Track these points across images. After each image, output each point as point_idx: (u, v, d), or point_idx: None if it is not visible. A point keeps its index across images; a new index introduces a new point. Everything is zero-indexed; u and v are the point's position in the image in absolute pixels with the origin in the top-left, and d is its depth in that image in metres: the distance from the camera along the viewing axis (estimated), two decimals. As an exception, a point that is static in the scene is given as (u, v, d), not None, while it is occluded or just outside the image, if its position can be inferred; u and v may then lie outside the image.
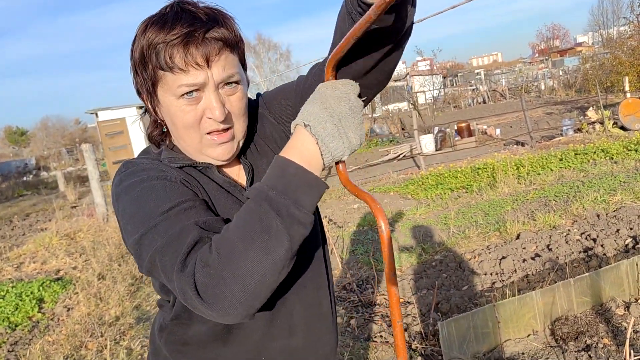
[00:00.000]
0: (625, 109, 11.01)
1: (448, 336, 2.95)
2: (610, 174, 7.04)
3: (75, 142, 45.91)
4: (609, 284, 3.32)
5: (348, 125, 0.82)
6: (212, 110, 0.94)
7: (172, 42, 0.90)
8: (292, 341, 1.09)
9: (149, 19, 0.95)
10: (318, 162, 0.83)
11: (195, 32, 0.90)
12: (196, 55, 0.90)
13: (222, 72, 0.93)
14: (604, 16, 43.89)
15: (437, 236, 5.68)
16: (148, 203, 0.90)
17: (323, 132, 0.81)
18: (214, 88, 0.94)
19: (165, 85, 0.94)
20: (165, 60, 0.91)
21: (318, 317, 1.14)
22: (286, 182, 0.79)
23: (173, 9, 0.93)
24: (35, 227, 10.81)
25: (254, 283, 0.77)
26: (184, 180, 0.97)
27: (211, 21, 0.92)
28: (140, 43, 0.93)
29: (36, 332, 4.61)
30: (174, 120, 0.97)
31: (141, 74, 0.96)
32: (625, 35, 20.64)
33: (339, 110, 0.82)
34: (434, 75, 31.92)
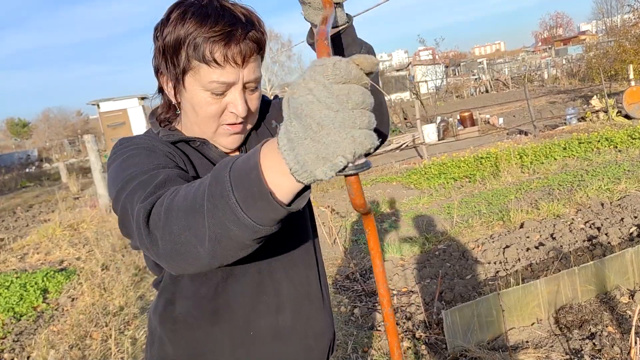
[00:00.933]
0: (629, 97, 10.94)
1: (452, 325, 2.95)
2: (615, 162, 7.00)
3: (77, 133, 45.92)
4: (614, 273, 3.32)
5: (303, 129, 0.56)
6: (237, 106, 1.00)
7: (214, 38, 0.94)
8: (280, 319, 1.10)
9: (186, 7, 0.97)
10: (281, 175, 0.62)
11: (236, 32, 0.95)
12: (235, 53, 0.95)
13: (252, 74, 1.00)
14: (607, 4, 43.55)
15: (440, 226, 5.67)
16: (129, 167, 0.92)
17: (280, 137, 0.60)
18: (241, 87, 1.00)
19: (197, 75, 0.97)
20: (204, 53, 0.95)
21: (307, 297, 1.15)
22: (242, 175, 0.65)
23: (213, 3, 0.97)
24: (38, 218, 10.84)
25: (179, 248, 0.72)
26: (169, 154, 0.99)
27: (249, 23, 0.98)
28: (177, 30, 0.96)
29: (41, 322, 4.63)
30: (196, 109, 1.01)
31: (171, 58, 0.99)
32: (630, 23, 20.47)
33: (292, 107, 0.58)
34: (436, 64, 31.73)
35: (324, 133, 0.55)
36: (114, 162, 0.98)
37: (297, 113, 0.56)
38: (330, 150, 0.55)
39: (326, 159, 0.56)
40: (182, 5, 0.97)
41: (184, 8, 0.97)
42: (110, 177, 0.95)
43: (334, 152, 0.55)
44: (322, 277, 1.22)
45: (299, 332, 1.13)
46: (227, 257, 0.72)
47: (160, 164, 0.93)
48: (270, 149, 0.63)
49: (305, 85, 0.56)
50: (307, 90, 0.56)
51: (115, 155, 1.00)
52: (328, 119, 0.55)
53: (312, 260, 1.19)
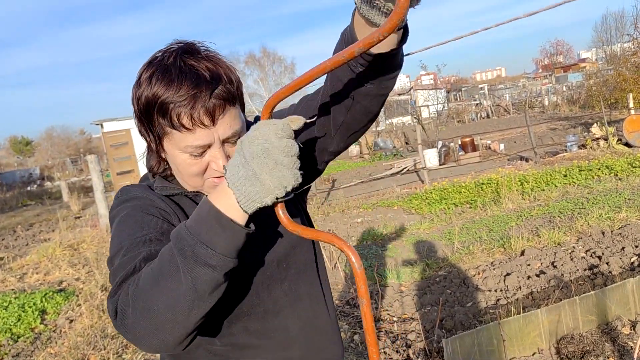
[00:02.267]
0: (629, 125, 11.01)
1: (452, 354, 2.93)
2: (615, 190, 7.02)
3: (79, 152, 46.10)
4: (615, 303, 3.30)
5: (259, 167, 0.77)
6: (217, 164, 0.99)
7: (179, 103, 0.92)
8: (289, 354, 1.11)
9: (153, 67, 0.96)
10: (233, 207, 0.80)
11: (200, 94, 0.93)
12: (202, 115, 0.93)
13: (228, 130, 0.98)
14: (607, 33, 44.05)
15: (441, 251, 5.66)
16: (124, 231, 0.99)
17: (235, 176, 0.79)
18: (219, 145, 0.98)
19: (172, 140, 0.98)
20: (172, 120, 0.94)
21: (315, 330, 1.16)
22: (199, 222, 0.80)
23: (176, 62, 0.94)
24: (38, 238, 10.82)
25: (159, 318, 0.80)
26: (165, 211, 1.04)
27: (215, 79, 0.94)
28: (145, 94, 0.96)
29: (38, 343, 4.60)
30: (179, 169, 1.03)
31: (147, 123, 1.00)
32: (629, 52, 20.72)
33: (250, 152, 0.78)
34: (437, 89, 32.02)
35: (277, 170, 0.77)
36: (113, 221, 1.04)
37: (255, 156, 0.77)
38: (278, 183, 0.78)
39: (274, 190, 0.78)
40: (150, 66, 0.97)
41: (151, 70, 0.96)
42: (111, 237, 1.03)
43: (280, 184, 0.78)
44: (330, 307, 1.23)
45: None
46: (207, 302, 0.82)
47: (150, 231, 0.97)
48: (215, 195, 0.81)
49: (262, 137, 0.78)
50: (263, 140, 0.77)
51: (114, 212, 1.05)
52: (279, 161, 0.77)
53: (319, 293, 1.20)
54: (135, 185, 1.12)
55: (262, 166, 0.77)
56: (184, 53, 0.96)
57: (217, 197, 0.81)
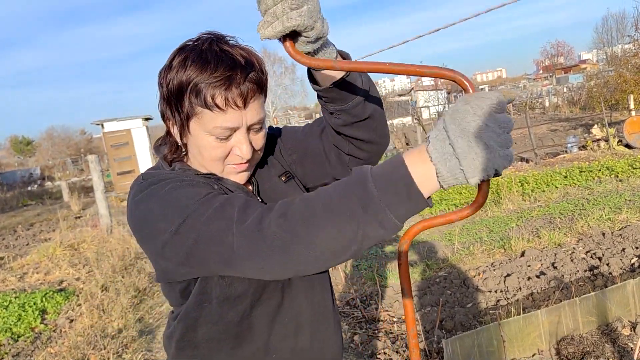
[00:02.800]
0: (630, 126, 11.01)
1: (452, 354, 2.93)
2: (616, 192, 7.02)
3: (80, 152, 46.10)
4: (615, 304, 3.30)
5: (468, 145, 0.70)
6: (242, 149, 1.02)
7: (214, 84, 0.95)
8: (299, 340, 1.13)
9: (186, 52, 0.99)
10: (430, 182, 0.76)
11: (236, 76, 0.96)
12: (236, 97, 0.97)
13: (255, 116, 1.02)
14: (608, 34, 44.07)
15: (441, 252, 5.66)
16: (179, 200, 0.94)
17: (439, 151, 0.73)
18: (245, 130, 1.01)
19: (201, 120, 1.00)
20: (206, 99, 0.96)
21: (324, 318, 1.19)
22: (389, 182, 0.76)
23: (212, 48, 0.98)
24: (39, 237, 10.83)
25: (316, 252, 0.80)
26: (204, 182, 1.03)
27: (249, 65, 0.99)
28: (179, 77, 0.98)
29: (38, 343, 4.60)
30: (202, 152, 1.03)
31: (175, 104, 1.01)
32: (630, 53, 20.72)
33: (460, 128, 0.71)
34: (438, 90, 32.04)
35: (498, 148, 0.71)
36: (150, 199, 0.97)
37: (465, 133, 0.71)
38: (495, 163, 0.71)
39: (487, 169, 0.71)
40: (184, 51, 1.00)
41: (185, 54, 0.99)
42: (156, 213, 0.95)
43: (497, 164, 0.71)
44: (334, 299, 1.26)
45: (316, 353, 1.17)
46: (358, 254, 0.82)
47: (211, 190, 0.96)
48: (414, 158, 0.76)
49: (474, 113, 0.71)
50: (476, 116, 0.71)
51: (146, 192, 0.99)
52: (493, 141, 0.70)
53: (327, 282, 1.23)
54: (157, 170, 1.09)
55: (471, 144, 0.70)
56: (218, 40, 1.01)
57: (415, 164, 0.75)
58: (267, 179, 1.18)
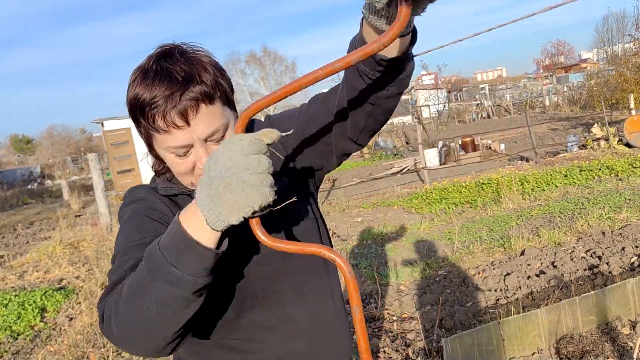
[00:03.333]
0: (630, 126, 11.00)
1: (452, 353, 2.93)
2: (616, 191, 7.02)
3: (80, 151, 46.10)
4: (615, 303, 3.30)
5: (223, 186, 0.74)
6: (202, 163, 0.99)
7: (154, 105, 0.94)
8: (296, 345, 1.14)
9: (138, 72, 0.99)
10: (201, 227, 0.78)
11: (172, 95, 0.94)
12: (175, 116, 0.94)
13: (207, 129, 0.97)
14: (608, 33, 43.99)
15: (441, 251, 5.66)
16: (123, 234, 1.04)
17: (201, 196, 0.77)
18: (201, 144, 0.98)
19: (156, 141, 1.01)
20: (149, 122, 0.96)
21: (323, 324, 1.18)
22: (169, 241, 0.80)
23: (153, 66, 0.97)
24: (39, 236, 10.83)
25: (137, 330, 0.84)
26: (163, 214, 1.07)
27: (187, 80, 0.95)
28: (129, 97, 0.99)
29: (38, 341, 4.60)
30: (171, 167, 1.05)
31: (137, 125, 1.02)
32: (630, 52, 20.71)
33: (215, 170, 0.75)
34: (438, 89, 32.03)
35: (240, 189, 0.74)
36: (120, 221, 1.10)
37: (220, 174, 0.74)
38: (244, 203, 0.74)
39: (240, 210, 0.75)
40: (136, 71, 0.99)
41: (136, 74, 0.98)
42: (118, 236, 1.06)
43: (246, 204, 0.74)
44: (338, 301, 1.24)
45: (317, 357, 1.17)
46: (180, 318, 0.84)
47: (145, 235, 0.99)
48: (186, 213, 0.80)
49: (227, 154, 0.74)
50: (228, 157, 0.74)
51: (122, 212, 1.11)
52: (244, 179, 0.73)
53: (327, 286, 1.22)
54: (142, 186, 1.16)
55: (225, 185, 0.74)
56: (162, 56, 0.98)
57: (187, 216, 0.80)
58: None
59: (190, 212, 0.79)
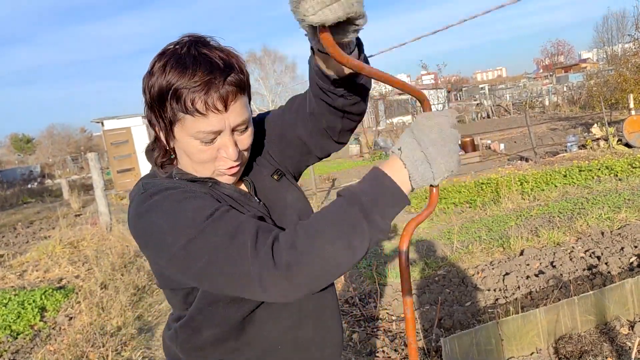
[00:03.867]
0: (629, 126, 11.01)
1: (451, 353, 2.94)
2: (615, 191, 7.02)
3: (80, 150, 46.07)
4: (614, 303, 3.31)
5: (437, 152, 0.86)
6: (227, 151, 1.02)
7: (193, 88, 0.95)
8: (303, 332, 1.15)
9: (166, 57, 0.99)
10: (406, 185, 0.89)
11: (215, 80, 0.96)
12: (216, 101, 0.97)
13: (238, 118, 1.01)
14: (608, 33, 44.04)
15: (440, 251, 5.67)
16: (185, 213, 0.94)
17: (411, 158, 0.87)
18: (229, 132, 1.01)
19: (184, 126, 0.99)
20: (186, 105, 0.96)
21: (326, 307, 1.21)
22: (379, 193, 0.88)
23: (190, 52, 0.98)
24: (38, 235, 10.83)
25: (331, 267, 0.87)
26: (206, 193, 1.04)
27: (228, 67, 0.99)
28: (159, 82, 0.98)
29: (38, 341, 4.60)
30: (190, 156, 1.04)
31: (158, 110, 1.01)
32: (630, 52, 20.71)
33: (429, 139, 0.87)
34: (438, 89, 32.00)
35: (451, 155, 0.88)
36: (154, 211, 0.97)
37: (434, 142, 0.87)
38: (450, 167, 0.88)
39: (447, 171, 0.88)
40: (163, 57, 0.99)
41: (165, 59, 0.98)
42: (161, 227, 0.95)
43: (450, 168, 0.88)
44: (334, 288, 1.28)
45: (318, 343, 1.18)
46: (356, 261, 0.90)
47: (218, 206, 0.96)
48: (392, 169, 0.89)
49: (439, 127, 0.88)
50: (440, 129, 0.88)
51: (148, 203, 0.99)
52: (454, 147, 0.88)
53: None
54: (156, 179, 1.09)
55: (440, 152, 0.86)
56: (197, 43, 1.00)
57: (394, 173, 0.89)
58: (260, 180, 1.19)
59: (396, 171, 0.89)
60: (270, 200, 1.17)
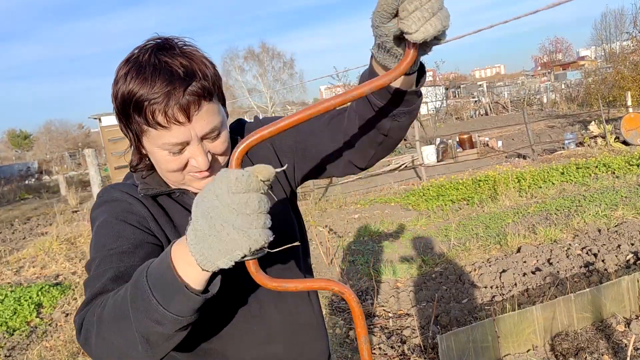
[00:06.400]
0: (627, 123, 11.02)
1: (447, 350, 2.94)
2: (612, 188, 7.03)
3: (78, 146, 45.98)
4: (610, 300, 3.31)
5: (208, 228, 0.67)
6: (197, 161, 0.98)
7: (154, 100, 0.91)
8: (270, 349, 1.12)
9: (129, 65, 0.95)
10: (196, 269, 0.72)
11: (174, 91, 0.91)
12: (177, 112, 0.92)
13: (205, 126, 0.96)
14: (607, 31, 44.02)
15: (437, 248, 5.67)
16: (100, 239, 0.99)
17: (190, 235, 0.70)
18: (197, 142, 0.97)
19: (149, 138, 0.96)
20: (147, 117, 0.92)
21: (300, 326, 1.17)
22: (157, 277, 0.76)
23: (150, 60, 0.93)
24: (35, 231, 10.81)
25: (117, 353, 0.82)
26: (142, 217, 1.02)
27: (189, 76, 0.93)
28: (121, 91, 0.94)
29: (34, 337, 4.60)
30: (159, 165, 1.01)
31: (125, 121, 0.98)
32: (628, 50, 20.73)
33: (201, 209, 0.69)
34: (436, 86, 31.97)
35: (225, 232, 0.67)
36: (94, 222, 1.05)
37: (204, 214, 0.68)
38: (230, 246, 0.67)
39: (226, 253, 0.68)
40: (127, 64, 0.95)
41: (128, 67, 0.94)
42: (90, 240, 1.04)
43: (233, 248, 0.67)
44: (315, 302, 1.23)
45: (293, 358, 1.15)
46: (162, 349, 0.82)
47: (123, 243, 0.97)
48: (179, 246, 0.74)
49: (213, 192, 0.68)
50: (214, 196, 0.67)
51: (95, 212, 1.07)
52: (229, 221, 0.66)
53: (304, 293, 1.20)
54: (118, 184, 1.10)
55: (210, 227, 0.67)
56: (159, 50, 0.95)
57: (179, 250, 0.74)
58: None
59: (182, 247, 0.73)
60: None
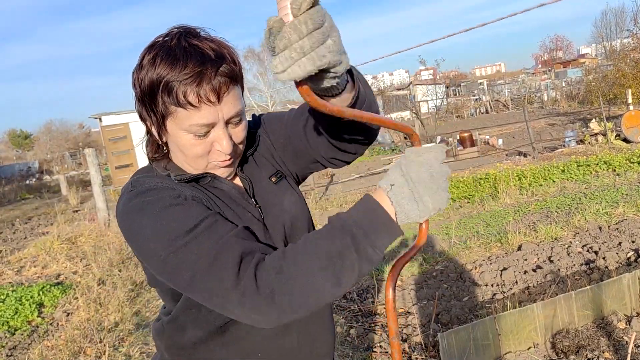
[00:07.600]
0: (628, 121, 11.01)
1: (448, 348, 2.94)
2: (613, 186, 7.02)
3: (78, 146, 46.01)
4: (611, 298, 3.31)
5: (425, 190, 0.84)
6: (222, 145, 1.00)
7: (185, 81, 0.93)
8: (287, 340, 1.13)
9: (155, 50, 0.96)
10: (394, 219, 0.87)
11: (206, 71, 0.93)
12: (208, 92, 0.94)
13: (232, 109, 0.99)
14: (607, 28, 43.98)
15: (438, 246, 5.67)
16: (169, 222, 0.92)
17: (399, 195, 0.85)
18: (223, 125, 0.99)
19: (176, 119, 0.97)
20: (178, 97, 0.94)
21: (313, 317, 1.18)
22: (372, 224, 0.85)
23: (180, 43, 0.95)
24: (36, 231, 10.82)
25: (315, 298, 0.85)
26: (195, 197, 1.00)
27: (219, 58, 0.96)
28: (149, 75, 0.95)
29: (35, 336, 4.60)
30: (183, 150, 1.02)
31: (149, 104, 0.99)
32: (629, 47, 20.72)
33: (417, 176, 0.85)
34: (436, 84, 31.95)
35: (437, 194, 0.85)
36: (140, 214, 0.95)
37: (422, 181, 0.85)
38: (438, 205, 0.86)
39: (433, 210, 0.86)
40: (153, 49, 0.97)
41: (154, 52, 0.96)
42: (146, 232, 0.93)
43: (438, 206, 0.86)
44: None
45: (305, 352, 1.16)
46: (346, 288, 0.88)
47: (203, 217, 0.93)
48: (383, 202, 0.86)
49: (428, 164, 0.86)
50: (429, 167, 0.86)
51: (135, 202, 0.97)
52: (443, 185, 0.86)
53: None
54: (143, 175, 1.07)
55: (427, 190, 0.84)
56: (187, 35, 0.97)
57: (388, 207, 0.86)
58: (259, 181, 1.15)
59: (385, 203, 0.86)
60: (266, 203, 1.13)
